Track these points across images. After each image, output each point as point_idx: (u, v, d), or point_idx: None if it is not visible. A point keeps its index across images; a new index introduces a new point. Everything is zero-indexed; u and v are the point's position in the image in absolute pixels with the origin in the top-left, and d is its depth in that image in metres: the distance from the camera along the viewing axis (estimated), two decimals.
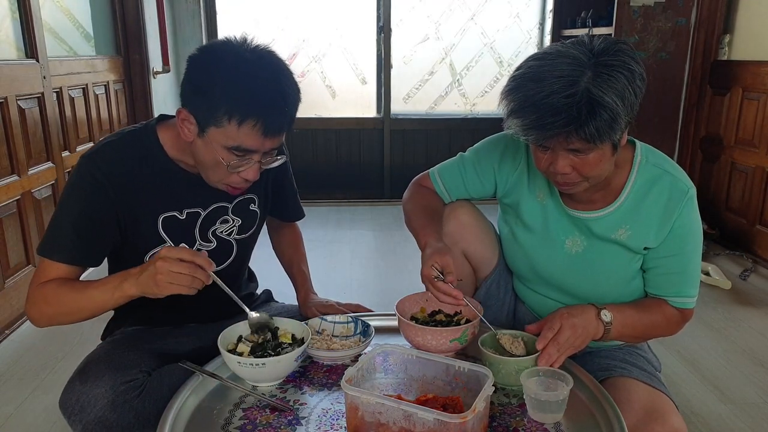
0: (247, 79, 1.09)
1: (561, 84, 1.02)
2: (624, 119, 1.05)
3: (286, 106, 1.12)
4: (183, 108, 1.14)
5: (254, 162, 1.15)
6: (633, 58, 1.07)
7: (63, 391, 1.14)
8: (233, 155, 1.13)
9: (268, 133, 1.11)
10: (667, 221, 1.20)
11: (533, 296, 1.43)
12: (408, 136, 4.48)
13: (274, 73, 1.12)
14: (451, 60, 4.51)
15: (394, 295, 1.35)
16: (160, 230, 1.25)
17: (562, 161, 1.10)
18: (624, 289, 1.30)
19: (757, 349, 2.22)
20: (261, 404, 1.10)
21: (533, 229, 1.34)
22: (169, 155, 1.24)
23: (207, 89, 1.09)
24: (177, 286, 1.05)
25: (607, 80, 1.02)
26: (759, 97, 3.13)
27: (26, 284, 2.44)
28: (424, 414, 0.90)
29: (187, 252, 1.06)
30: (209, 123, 1.10)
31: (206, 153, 1.14)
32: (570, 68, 1.03)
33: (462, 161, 1.42)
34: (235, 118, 1.08)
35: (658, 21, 3.44)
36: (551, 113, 1.02)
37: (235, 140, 1.10)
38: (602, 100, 1.01)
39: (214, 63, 1.11)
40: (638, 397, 1.18)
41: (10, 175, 2.36)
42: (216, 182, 1.20)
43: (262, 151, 1.14)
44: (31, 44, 2.55)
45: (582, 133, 1.03)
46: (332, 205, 4.34)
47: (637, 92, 1.06)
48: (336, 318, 1.34)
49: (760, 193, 3.12)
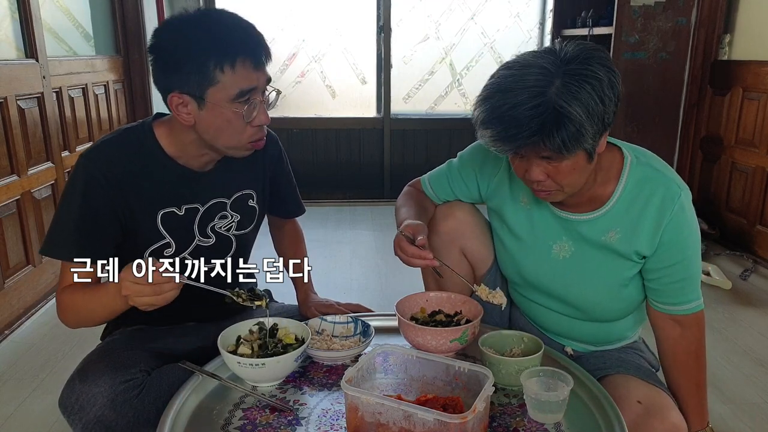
0: (214, 27, 1.12)
1: (527, 95, 1.01)
2: (591, 129, 1.03)
3: (257, 36, 1.16)
4: (172, 93, 1.14)
5: (259, 102, 1.17)
6: (604, 65, 1.05)
7: (63, 390, 1.14)
8: (240, 104, 1.14)
9: (258, 65, 1.14)
10: (659, 226, 1.18)
11: (525, 302, 1.43)
12: (408, 136, 4.48)
13: (230, 15, 1.16)
14: (451, 60, 4.51)
15: (394, 295, 1.35)
16: (159, 226, 1.25)
17: (535, 169, 1.10)
18: (614, 296, 1.28)
19: (757, 349, 2.22)
20: (261, 404, 1.10)
21: (519, 235, 1.34)
22: (166, 152, 1.24)
23: (185, 58, 1.10)
24: (147, 304, 1.04)
25: (573, 91, 1.01)
26: (759, 97, 3.12)
27: (26, 284, 2.48)
28: (424, 414, 0.90)
29: (144, 277, 1.02)
30: (204, 86, 1.11)
31: (215, 118, 1.15)
32: (537, 79, 1.02)
33: (449, 167, 1.44)
34: (227, 64, 1.10)
35: (659, 21, 3.43)
36: (515, 125, 1.02)
37: (235, 86, 1.12)
38: (567, 112, 1.00)
39: (175, 34, 1.13)
40: (637, 393, 1.17)
41: (10, 175, 2.36)
42: (237, 146, 1.20)
43: (259, 87, 1.16)
44: (31, 44, 2.55)
45: (549, 144, 1.03)
46: (332, 205, 4.34)
47: (606, 101, 1.04)
48: (336, 318, 1.34)
49: (761, 193, 3.12)
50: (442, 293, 1.35)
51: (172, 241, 1.27)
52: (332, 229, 3.77)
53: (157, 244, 1.26)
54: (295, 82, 4.39)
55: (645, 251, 1.21)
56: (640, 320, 1.39)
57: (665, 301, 1.24)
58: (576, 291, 1.30)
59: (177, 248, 1.28)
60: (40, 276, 2.56)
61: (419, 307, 1.33)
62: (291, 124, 4.32)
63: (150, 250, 1.26)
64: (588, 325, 1.34)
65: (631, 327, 1.38)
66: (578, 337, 1.38)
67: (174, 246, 1.28)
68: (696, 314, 1.24)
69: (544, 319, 1.40)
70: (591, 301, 1.30)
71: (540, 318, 1.41)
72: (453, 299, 1.34)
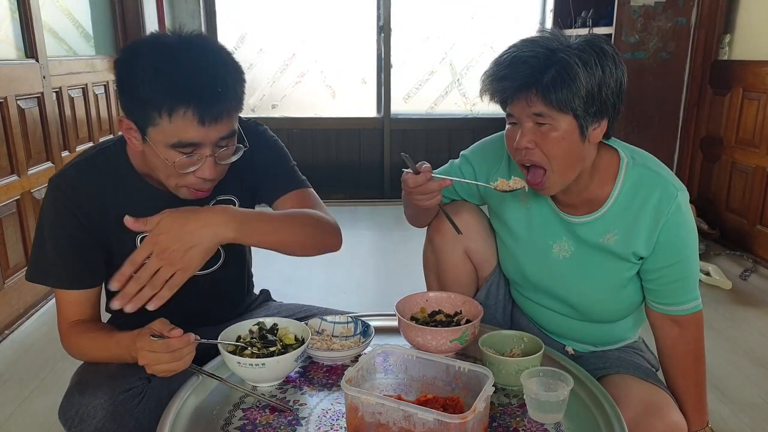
0: (168, 65, 1.00)
1: (537, 49, 1.09)
2: (586, 95, 1.07)
3: (218, 86, 1.02)
4: (122, 117, 1.07)
5: (205, 157, 1.06)
6: (614, 59, 1.11)
7: (62, 402, 1.11)
8: (179, 153, 1.04)
9: (206, 121, 1.01)
10: (656, 226, 1.18)
11: (526, 302, 1.43)
12: (408, 136, 4.48)
13: (200, 54, 1.03)
14: (451, 60, 4.51)
15: (394, 295, 1.35)
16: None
17: (525, 132, 1.13)
18: (614, 297, 1.29)
19: (757, 349, 2.22)
20: (261, 404, 1.10)
21: (518, 234, 1.34)
22: (138, 172, 1.18)
23: (132, 88, 1.01)
24: (166, 371, 1.03)
25: (581, 55, 1.07)
26: (759, 97, 3.12)
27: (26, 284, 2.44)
28: (424, 414, 0.90)
29: (161, 344, 1.00)
30: (145, 123, 1.03)
31: (153, 156, 1.07)
32: (549, 40, 1.10)
33: (451, 166, 1.44)
34: (164, 111, 1.00)
35: (659, 21, 3.43)
36: (516, 65, 1.09)
37: (173, 135, 1.02)
38: (567, 63, 1.06)
39: (134, 57, 1.03)
40: (636, 392, 1.18)
41: (10, 175, 2.36)
42: (176, 188, 1.12)
43: (208, 143, 1.05)
44: (31, 44, 2.55)
45: (540, 87, 1.07)
46: (332, 205, 4.31)
47: (610, 80, 1.09)
48: (336, 318, 1.34)
49: (761, 193, 3.12)
50: (442, 293, 1.36)
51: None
52: None
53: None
54: (295, 82, 4.40)
55: (642, 252, 1.21)
56: (640, 321, 1.39)
57: (663, 301, 1.24)
58: (576, 291, 1.30)
59: None
60: None
61: (419, 307, 1.33)
62: (291, 124, 4.32)
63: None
64: (588, 326, 1.35)
65: (631, 328, 1.38)
66: (578, 337, 1.38)
67: None
68: (694, 314, 1.24)
69: (545, 319, 1.40)
70: (590, 301, 1.30)
71: (541, 318, 1.41)
72: (453, 299, 1.34)
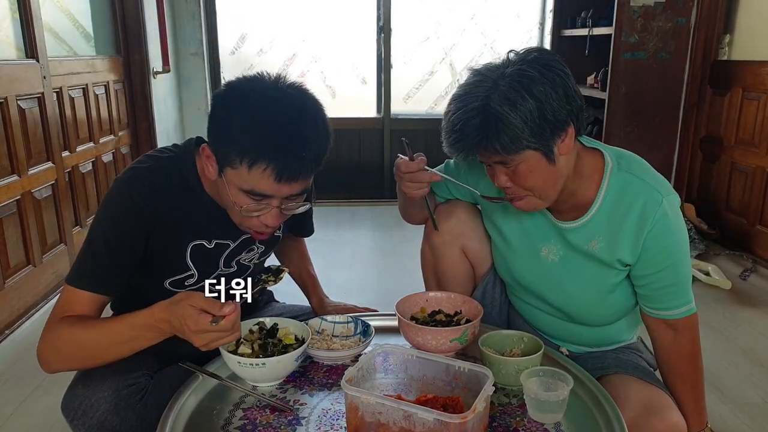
0: (262, 120, 1.03)
1: (469, 101, 1.09)
2: (528, 128, 1.06)
3: (303, 150, 1.05)
4: (206, 145, 1.12)
5: (272, 207, 1.10)
6: (542, 65, 1.08)
7: (65, 395, 1.13)
8: (249, 198, 1.08)
9: (283, 179, 1.05)
10: (640, 234, 1.17)
11: (521, 304, 1.43)
12: (408, 136, 4.43)
13: (295, 114, 1.06)
14: (451, 60, 4.51)
15: (394, 295, 1.35)
16: (188, 259, 1.22)
17: (499, 175, 1.15)
18: (601, 302, 1.28)
19: (757, 349, 2.22)
20: (261, 404, 1.10)
21: (508, 236, 1.35)
22: (205, 188, 1.20)
23: (223, 127, 1.06)
24: (226, 343, 1.03)
25: (505, 93, 1.06)
26: (759, 97, 3.12)
27: (26, 284, 2.47)
28: (424, 414, 0.90)
29: (222, 325, 0.99)
30: (226, 163, 1.06)
31: (225, 192, 1.10)
32: (480, 90, 1.09)
33: (446, 166, 1.45)
34: (246, 161, 1.03)
35: (658, 21, 3.43)
36: (462, 130, 1.10)
37: (248, 183, 1.06)
38: (499, 114, 1.05)
39: (233, 100, 1.07)
40: (636, 393, 1.18)
41: (10, 175, 2.36)
42: (239, 224, 1.17)
43: (279, 196, 1.09)
44: (31, 44, 2.55)
45: (491, 148, 1.08)
46: (332, 205, 4.34)
47: (542, 98, 1.06)
48: (336, 318, 1.35)
49: (760, 193, 3.12)
50: (442, 293, 1.36)
51: (196, 272, 1.24)
52: (332, 229, 3.78)
53: (180, 275, 1.22)
54: None
55: (627, 259, 1.20)
56: (636, 323, 1.39)
57: (656, 306, 1.24)
58: (564, 295, 1.30)
59: (198, 278, 1.25)
60: (40, 276, 2.56)
61: (419, 307, 1.33)
62: None
63: (170, 281, 1.23)
64: (580, 328, 1.35)
65: (626, 330, 1.38)
66: (572, 339, 1.38)
67: (196, 276, 1.24)
68: (689, 317, 1.23)
69: (538, 320, 1.41)
70: (578, 305, 1.30)
71: (535, 320, 1.41)
72: (453, 299, 1.34)
